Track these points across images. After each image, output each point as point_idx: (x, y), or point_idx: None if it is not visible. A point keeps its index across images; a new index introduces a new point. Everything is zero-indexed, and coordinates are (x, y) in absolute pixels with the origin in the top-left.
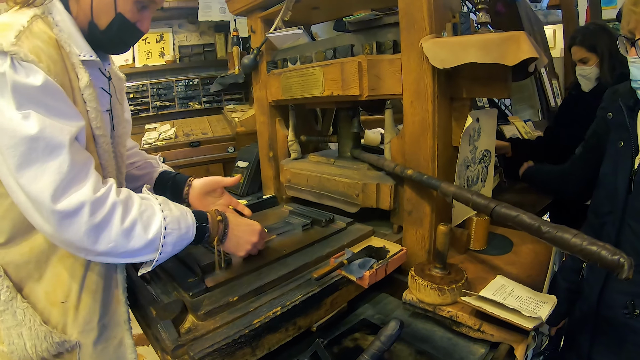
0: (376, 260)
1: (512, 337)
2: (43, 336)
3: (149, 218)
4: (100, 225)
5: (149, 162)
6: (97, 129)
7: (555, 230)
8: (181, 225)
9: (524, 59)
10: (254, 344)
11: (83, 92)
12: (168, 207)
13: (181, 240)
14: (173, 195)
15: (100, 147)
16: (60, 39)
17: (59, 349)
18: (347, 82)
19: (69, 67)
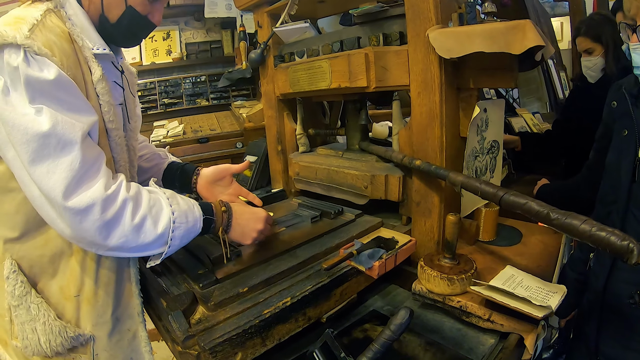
0: (385, 251)
1: (522, 327)
2: (57, 331)
3: (157, 213)
4: (111, 221)
5: (157, 154)
6: (109, 122)
7: (564, 216)
8: (189, 219)
9: (530, 47)
10: (264, 334)
11: (96, 85)
12: (176, 200)
13: (189, 233)
14: (182, 186)
15: (113, 140)
16: (73, 32)
17: (73, 343)
18: (354, 74)
19: (82, 60)
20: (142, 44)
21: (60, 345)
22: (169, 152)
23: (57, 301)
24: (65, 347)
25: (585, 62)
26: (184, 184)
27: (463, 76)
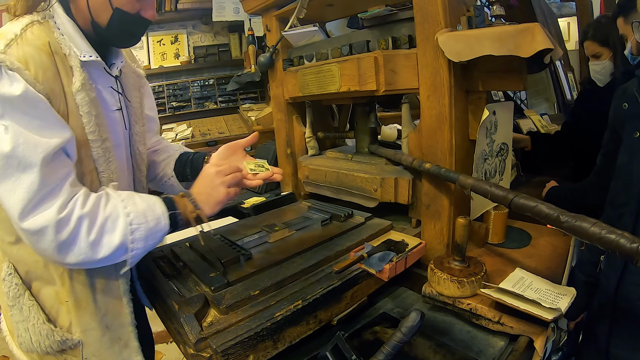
0: (395, 254)
1: (531, 329)
2: (45, 334)
3: (113, 222)
4: (67, 242)
5: (171, 146)
6: (90, 134)
7: (574, 219)
8: (148, 218)
9: (538, 50)
10: (276, 337)
11: (75, 96)
12: (132, 201)
13: (153, 233)
14: (193, 172)
15: (95, 151)
16: (60, 42)
17: (61, 345)
18: (363, 78)
19: (63, 71)
20: (151, 48)
21: (49, 347)
22: (183, 146)
23: (52, 305)
24: (54, 349)
25: (594, 66)
26: (195, 170)
27: (472, 79)
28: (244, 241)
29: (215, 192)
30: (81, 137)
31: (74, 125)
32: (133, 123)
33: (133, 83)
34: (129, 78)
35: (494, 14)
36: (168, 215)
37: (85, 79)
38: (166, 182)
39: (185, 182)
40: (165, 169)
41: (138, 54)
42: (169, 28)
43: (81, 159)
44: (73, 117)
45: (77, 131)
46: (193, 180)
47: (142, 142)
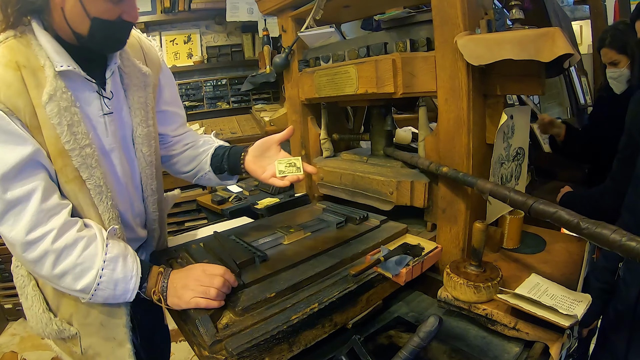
0: (412, 258)
1: (547, 335)
2: (45, 322)
3: (82, 272)
4: (34, 262)
5: (205, 140)
6: (65, 143)
7: (595, 226)
8: (117, 288)
9: (559, 55)
10: (291, 340)
11: (45, 108)
12: (113, 266)
13: (115, 299)
14: (230, 168)
15: (75, 159)
16: (38, 54)
17: (59, 334)
18: (381, 80)
19: (33, 84)
20: (163, 47)
21: (51, 334)
22: (214, 137)
23: (54, 296)
24: (56, 336)
25: (611, 73)
26: (234, 166)
27: (490, 83)
28: (259, 242)
29: (184, 293)
30: (58, 146)
31: (49, 135)
32: (135, 125)
33: (137, 83)
34: (132, 78)
35: (513, 17)
36: (136, 293)
37: (56, 89)
38: (202, 176)
39: (221, 174)
40: (201, 164)
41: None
42: (182, 28)
43: (60, 169)
44: (46, 128)
45: (52, 141)
46: (231, 174)
47: (147, 143)
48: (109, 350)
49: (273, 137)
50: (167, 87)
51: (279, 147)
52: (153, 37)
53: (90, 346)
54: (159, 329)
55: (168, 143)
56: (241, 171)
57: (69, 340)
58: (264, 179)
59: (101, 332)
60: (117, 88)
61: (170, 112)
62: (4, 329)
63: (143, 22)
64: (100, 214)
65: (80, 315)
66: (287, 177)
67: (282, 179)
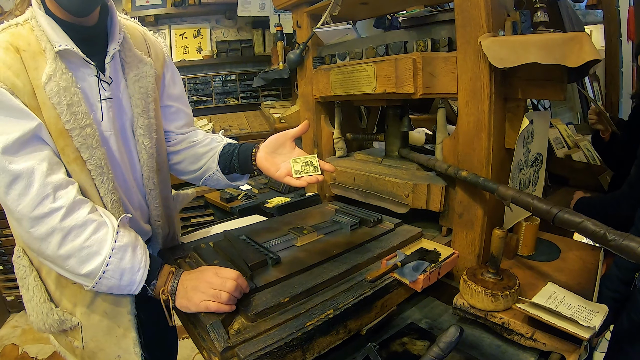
0: (429, 264)
1: (564, 346)
2: (45, 312)
3: (88, 256)
4: (40, 239)
5: (212, 138)
6: (66, 123)
7: (622, 238)
8: (123, 278)
9: (587, 61)
10: (305, 347)
11: (45, 88)
12: (121, 255)
13: (119, 289)
14: (242, 166)
15: (75, 139)
16: (39, 38)
17: (61, 325)
18: (400, 80)
19: (32, 66)
20: (173, 41)
21: (51, 326)
22: (223, 135)
23: (56, 287)
24: (56, 328)
25: None
26: (244, 163)
27: (511, 86)
28: (271, 244)
29: (194, 295)
30: (58, 126)
31: (49, 115)
32: (136, 116)
33: (138, 72)
34: (132, 67)
35: (537, 20)
36: (142, 286)
37: (55, 69)
38: (210, 176)
39: (231, 174)
40: (208, 163)
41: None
42: (192, 22)
43: (62, 149)
44: (46, 108)
45: (52, 121)
46: (242, 173)
47: (149, 135)
48: (112, 341)
49: (287, 132)
50: (172, 83)
51: (293, 143)
52: (162, 31)
53: (92, 338)
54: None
55: (172, 140)
56: (253, 169)
57: (70, 334)
58: (278, 177)
59: (104, 322)
60: (117, 75)
61: (175, 108)
62: (5, 321)
63: (153, 15)
64: (102, 196)
65: (84, 303)
66: (304, 177)
67: (299, 179)
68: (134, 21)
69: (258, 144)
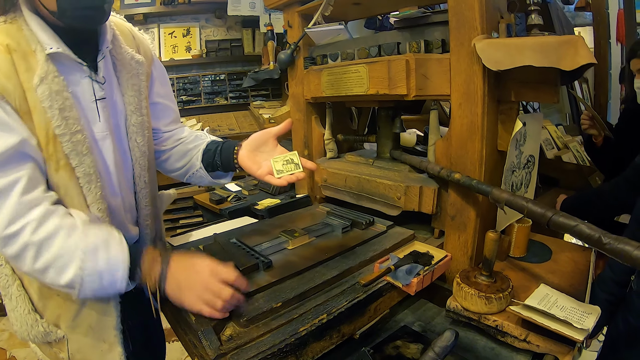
0: (422, 267)
1: (558, 348)
2: (30, 324)
3: (64, 265)
4: (15, 258)
5: (197, 135)
6: (56, 128)
7: (617, 242)
8: (103, 279)
9: (582, 64)
10: (299, 353)
11: (36, 91)
12: (93, 257)
13: (104, 291)
14: (224, 163)
15: (65, 145)
16: (29, 38)
17: (45, 337)
18: (393, 81)
19: (23, 68)
20: (162, 40)
21: (36, 337)
22: (208, 133)
23: (40, 298)
24: (41, 340)
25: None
26: (227, 161)
27: (505, 88)
28: (262, 247)
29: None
30: (49, 131)
31: (39, 120)
32: (129, 113)
33: (130, 70)
34: (125, 65)
35: (531, 22)
36: (126, 282)
37: (47, 72)
38: (194, 173)
39: (214, 171)
40: (192, 160)
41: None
42: (182, 21)
43: (50, 155)
44: (37, 112)
45: (42, 126)
46: (224, 171)
47: (141, 133)
48: (98, 354)
49: (270, 130)
50: (159, 80)
51: (275, 141)
52: (151, 30)
53: (79, 350)
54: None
55: (160, 138)
56: (234, 167)
57: (55, 345)
58: (259, 175)
59: (90, 335)
60: (109, 74)
61: (163, 105)
62: None
63: (142, 14)
64: (89, 204)
65: (69, 316)
66: (284, 177)
67: (280, 179)
68: (120, 18)
69: (241, 141)
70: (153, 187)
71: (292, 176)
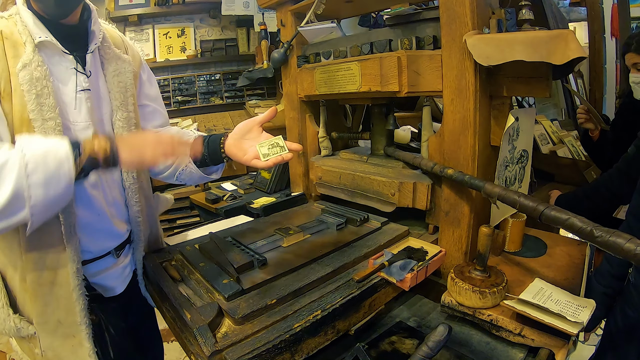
0: (416, 262)
1: (553, 342)
2: (3, 318)
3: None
4: None
5: (186, 132)
6: (30, 112)
7: (608, 234)
8: (48, 160)
9: (572, 58)
10: (294, 349)
11: (18, 74)
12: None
13: (55, 178)
14: (211, 154)
15: (36, 130)
16: (21, 31)
17: (18, 333)
18: (385, 78)
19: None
20: (157, 41)
21: (10, 331)
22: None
23: (18, 292)
24: (15, 334)
25: (634, 77)
26: (214, 152)
27: (497, 83)
28: (257, 245)
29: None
30: (23, 115)
31: (17, 102)
32: (115, 109)
33: (116, 68)
34: (112, 63)
35: (522, 17)
36: (73, 157)
37: (32, 60)
38: (184, 170)
39: (203, 167)
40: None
41: (143, 46)
42: (176, 21)
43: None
44: (16, 95)
45: (18, 108)
46: (212, 164)
47: (127, 128)
48: (69, 349)
49: (254, 119)
50: (147, 83)
51: (260, 129)
52: (146, 31)
53: (49, 347)
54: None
55: None
56: (222, 158)
57: (30, 340)
58: (245, 161)
59: (59, 330)
60: (96, 70)
61: (152, 108)
62: None
63: (136, 15)
64: None
65: (38, 312)
66: (270, 158)
67: (267, 161)
68: (112, 27)
69: (226, 133)
70: (144, 184)
71: (277, 157)
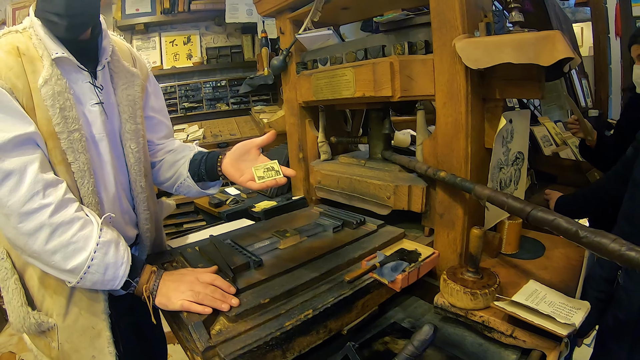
0: (408, 264)
1: (544, 343)
2: (23, 316)
3: (74, 251)
4: (28, 234)
5: (187, 146)
6: (56, 125)
7: (593, 235)
8: (107, 273)
9: (559, 59)
10: (285, 347)
11: (40, 90)
12: (105, 250)
13: (103, 284)
14: (208, 171)
15: (63, 142)
16: (36, 45)
17: (39, 328)
18: (379, 83)
19: (30, 70)
20: (163, 48)
21: (30, 328)
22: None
23: (38, 290)
24: (35, 330)
25: (638, 70)
26: (211, 170)
27: (489, 86)
28: (255, 247)
29: (174, 295)
30: (49, 128)
31: (41, 117)
32: (123, 121)
33: (125, 82)
34: (120, 76)
35: (513, 20)
36: (125, 281)
37: (52, 74)
38: (182, 183)
39: (201, 182)
40: (180, 169)
41: (150, 54)
42: (182, 29)
43: (50, 150)
44: (40, 110)
45: (44, 122)
46: (209, 180)
47: (135, 140)
48: (87, 341)
49: (253, 140)
50: (154, 95)
51: (258, 150)
52: (152, 38)
53: (67, 339)
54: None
55: (152, 150)
56: (218, 175)
57: (49, 334)
58: (241, 182)
59: (79, 322)
60: (107, 84)
61: (157, 119)
62: (3, 329)
63: (143, 23)
64: (81, 197)
65: (60, 304)
66: (265, 181)
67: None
68: (121, 39)
69: (224, 152)
70: (151, 193)
71: (272, 180)
